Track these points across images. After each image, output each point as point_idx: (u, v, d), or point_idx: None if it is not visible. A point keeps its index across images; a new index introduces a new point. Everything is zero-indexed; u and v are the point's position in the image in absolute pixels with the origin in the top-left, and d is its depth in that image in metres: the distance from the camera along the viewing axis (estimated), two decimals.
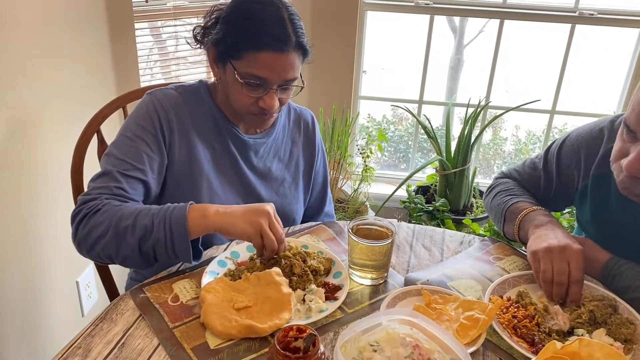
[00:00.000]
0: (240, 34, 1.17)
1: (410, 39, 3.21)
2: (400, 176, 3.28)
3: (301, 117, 1.49)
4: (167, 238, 1.08)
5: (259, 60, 1.16)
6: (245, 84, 1.19)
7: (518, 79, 4.01)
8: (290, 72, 1.20)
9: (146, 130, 1.24)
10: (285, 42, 1.16)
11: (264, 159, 1.39)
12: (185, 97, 1.30)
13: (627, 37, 2.93)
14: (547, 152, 1.40)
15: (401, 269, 1.23)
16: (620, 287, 1.13)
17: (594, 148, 1.27)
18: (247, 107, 1.24)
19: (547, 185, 1.40)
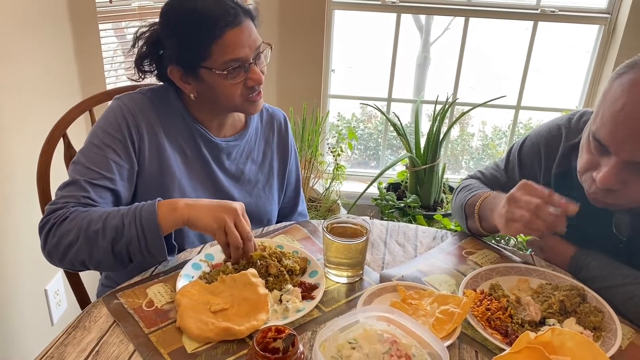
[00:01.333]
0: (197, 33, 1.16)
1: (378, 38, 3.23)
2: (371, 174, 3.30)
3: (274, 117, 1.48)
4: (140, 236, 1.07)
5: (225, 45, 1.17)
6: (229, 73, 1.19)
7: (484, 76, 4.08)
8: (255, 40, 1.21)
9: (114, 138, 1.21)
10: (236, 14, 1.17)
11: (237, 161, 1.38)
12: (153, 101, 1.29)
13: (588, 34, 3.02)
14: (509, 153, 1.42)
15: (376, 265, 1.24)
16: (588, 277, 1.17)
17: (554, 147, 1.30)
18: (239, 95, 1.24)
19: (508, 185, 1.39)
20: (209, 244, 1.28)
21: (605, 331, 1.03)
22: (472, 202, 1.32)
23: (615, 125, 1.00)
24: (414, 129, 2.93)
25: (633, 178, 1.02)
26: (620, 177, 1.02)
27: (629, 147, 0.99)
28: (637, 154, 0.99)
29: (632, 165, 1.00)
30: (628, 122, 0.98)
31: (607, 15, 2.85)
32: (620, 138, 0.99)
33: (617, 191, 1.04)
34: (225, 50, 1.17)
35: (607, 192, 1.05)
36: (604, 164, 1.04)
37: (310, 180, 2.90)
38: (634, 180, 1.02)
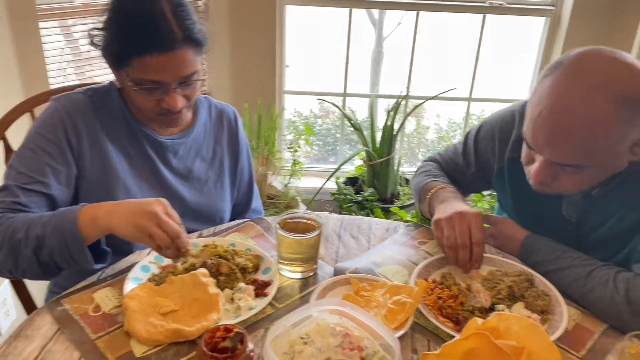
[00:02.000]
0: (121, 40, 1.11)
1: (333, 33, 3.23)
2: (330, 169, 3.30)
3: (223, 113, 1.45)
4: (62, 246, 1.03)
5: (146, 65, 1.10)
6: (140, 88, 1.14)
7: (438, 70, 4.15)
8: (185, 69, 1.14)
9: (49, 141, 1.17)
10: (170, 41, 1.10)
11: (184, 159, 1.35)
12: (94, 101, 1.24)
13: (535, 26, 3.10)
14: (466, 138, 1.45)
15: (330, 259, 1.24)
16: (537, 261, 1.20)
17: (507, 132, 1.33)
18: (152, 110, 1.19)
19: (465, 169, 1.45)
20: None
21: (552, 314, 1.05)
22: (426, 188, 1.37)
23: (535, 130, 1.05)
24: (370, 123, 2.95)
25: (561, 173, 1.07)
26: (550, 173, 1.07)
27: (547, 150, 1.04)
28: (555, 156, 1.04)
29: (556, 163, 1.05)
30: (544, 128, 1.02)
31: (552, 8, 2.93)
32: (540, 142, 1.04)
33: (550, 184, 1.09)
34: (143, 69, 1.11)
35: (542, 185, 1.11)
36: (536, 160, 1.09)
37: (268, 177, 2.88)
38: (562, 175, 1.07)
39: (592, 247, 1.19)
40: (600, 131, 0.98)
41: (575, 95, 0.98)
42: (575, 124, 0.98)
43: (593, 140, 0.99)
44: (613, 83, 0.97)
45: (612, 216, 1.15)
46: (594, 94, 0.97)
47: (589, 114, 0.97)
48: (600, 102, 0.96)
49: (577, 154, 1.01)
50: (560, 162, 1.04)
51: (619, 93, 0.96)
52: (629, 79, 0.98)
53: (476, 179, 1.45)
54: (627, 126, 0.98)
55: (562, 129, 1.00)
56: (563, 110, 0.99)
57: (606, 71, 0.98)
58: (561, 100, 1.00)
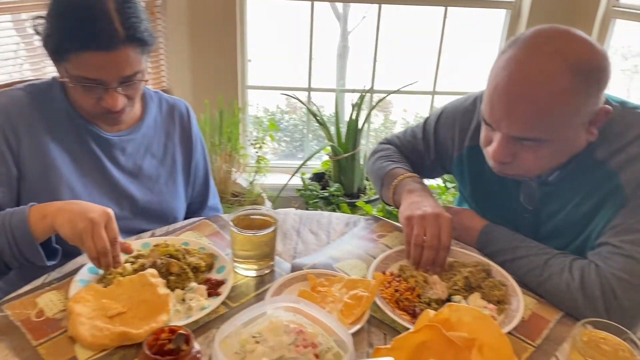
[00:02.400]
0: (61, 34, 1.06)
1: (297, 27, 3.21)
2: (298, 165, 3.27)
3: (175, 108, 1.41)
4: (12, 245, 1.00)
5: (85, 62, 1.06)
6: (79, 86, 1.09)
7: (402, 63, 4.16)
8: (126, 68, 1.09)
9: None
10: (110, 39, 1.05)
11: (133, 156, 1.31)
12: (35, 97, 1.19)
13: (496, 18, 3.12)
14: (425, 122, 1.45)
15: (288, 256, 1.22)
16: (494, 251, 1.20)
17: (467, 120, 1.33)
18: (92, 107, 1.14)
19: (424, 154, 1.45)
20: None
21: (509, 304, 1.05)
22: (391, 175, 1.36)
23: (492, 104, 1.04)
24: (335, 118, 2.93)
25: (520, 150, 1.06)
26: (509, 151, 1.06)
27: (505, 124, 1.03)
28: (513, 129, 1.03)
29: (515, 139, 1.04)
30: (501, 100, 1.02)
31: (512, 0, 2.96)
32: (498, 116, 1.04)
33: (510, 163, 1.08)
34: (81, 66, 1.07)
35: (502, 165, 1.10)
36: (494, 139, 1.08)
37: (233, 174, 2.84)
38: (522, 153, 1.06)
39: (549, 235, 1.20)
40: (558, 98, 0.98)
41: (532, 65, 0.99)
42: (532, 93, 0.98)
43: (551, 108, 0.99)
44: (568, 53, 0.98)
45: (569, 203, 1.16)
46: (550, 63, 0.97)
47: (547, 81, 0.98)
48: (557, 70, 0.97)
49: (535, 125, 1.01)
50: (519, 135, 1.03)
51: (574, 63, 0.97)
52: (584, 50, 0.99)
53: (434, 165, 1.45)
54: (583, 97, 0.99)
55: (519, 99, 1.00)
56: (520, 80, 0.99)
57: (561, 43, 0.99)
58: (518, 71, 1.00)
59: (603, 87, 1.02)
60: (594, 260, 1.06)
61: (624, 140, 1.07)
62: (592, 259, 1.07)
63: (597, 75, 0.99)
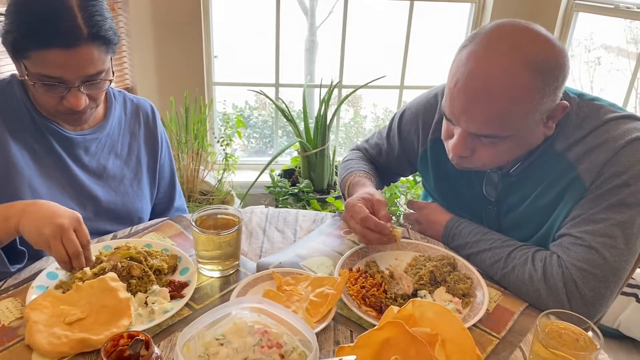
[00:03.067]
0: (21, 30, 1.03)
1: (264, 22, 3.17)
2: (266, 162, 3.25)
3: (139, 108, 1.38)
4: None
5: (45, 60, 1.03)
6: (39, 84, 1.06)
7: (369, 58, 4.16)
8: (90, 67, 1.06)
9: None
10: (73, 36, 1.02)
11: (97, 156, 1.28)
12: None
13: (461, 12, 3.15)
14: (391, 121, 1.46)
15: (254, 255, 1.20)
16: (459, 244, 1.21)
17: (430, 114, 1.33)
18: (53, 107, 1.11)
19: (390, 153, 1.46)
20: None
21: (474, 297, 1.06)
22: (343, 184, 1.39)
23: (452, 100, 1.05)
24: (303, 113, 2.92)
25: (479, 145, 1.07)
26: (468, 146, 1.07)
27: (464, 120, 1.04)
28: (471, 126, 1.04)
29: (474, 135, 1.05)
30: (460, 96, 1.03)
31: None
32: (457, 111, 1.04)
33: (469, 157, 1.10)
34: (43, 63, 1.03)
35: (461, 159, 1.11)
36: (455, 134, 1.09)
37: (200, 173, 2.80)
38: (480, 148, 1.08)
39: (512, 227, 1.22)
40: (515, 96, 0.98)
41: (491, 62, 0.99)
42: (491, 90, 0.99)
43: (508, 106, 0.99)
44: (527, 50, 0.98)
45: (530, 195, 1.17)
46: (508, 61, 0.98)
47: (504, 79, 0.98)
48: (514, 69, 0.98)
49: (494, 122, 1.02)
50: (478, 132, 1.04)
51: (533, 60, 0.98)
52: (543, 48, 1.00)
53: (401, 162, 1.46)
54: (541, 94, 1.00)
55: (478, 95, 1.00)
56: (479, 77, 1.00)
57: (521, 39, 1.00)
58: (477, 67, 1.00)
59: (561, 84, 1.03)
60: (556, 251, 1.08)
61: (581, 133, 1.09)
62: (554, 250, 1.09)
63: (555, 73, 1.00)
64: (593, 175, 1.06)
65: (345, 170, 1.44)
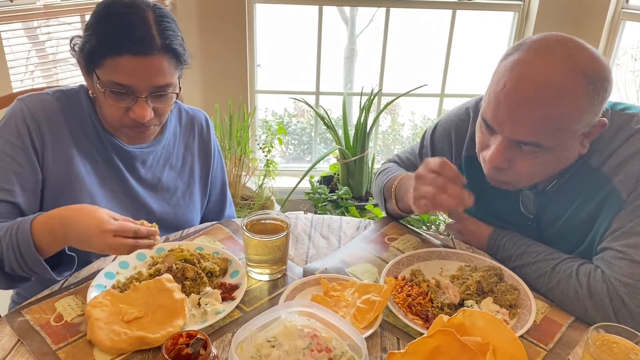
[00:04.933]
0: (98, 39, 1.08)
1: (306, 31, 3.22)
2: (306, 168, 3.29)
3: (194, 119, 1.40)
4: (20, 261, 1.02)
5: (118, 66, 1.07)
6: (109, 92, 1.10)
7: (410, 66, 4.16)
8: (159, 77, 1.10)
9: (14, 145, 1.13)
10: (146, 44, 1.07)
11: (153, 168, 1.31)
12: (62, 103, 1.20)
13: (504, 21, 3.12)
14: (423, 138, 1.44)
15: (300, 260, 1.23)
16: (504, 257, 1.20)
17: (462, 130, 1.32)
18: (118, 119, 1.15)
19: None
20: None
21: (521, 308, 1.06)
22: (389, 185, 1.34)
23: (497, 105, 1.03)
24: (343, 121, 2.94)
25: (518, 156, 1.06)
26: (506, 156, 1.05)
27: (509, 126, 1.02)
28: (516, 131, 1.02)
29: (515, 143, 1.04)
30: (508, 100, 1.01)
31: (520, 2, 2.96)
32: (502, 117, 1.02)
33: (506, 170, 1.08)
34: (115, 70, 1.07)
35: (498, 171, 1.09)
36: (492, 144, 1.07)
37: (242, 178, 2.85)
38: (518, 159, 1.06)
39: (553, 241, 1.20)
40: (566, 102, 0.98)
41: (543, 67, 0.98)
42: (542, 95, 0.98)
43: (558, 111, 0.98)
44: (577, 59, 0.98)
45: (567, 210, 1.16)
46: (560, 65, 0.97)
47: (558, 84, 0.97)
48: (568, 74, 0.97)
49: (541, 128, 1.00)
50: (522, 139, 1.02)
51: (585, 69, 0.97)
52: (592, 59, 0.99)
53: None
54: (589, 104, 0.99)
55: (528, 99, 0.99)
56: (530, 81, 0.99)
57: (570, 49, 0.99)
58: (528, 71, 0.99)
59: (606, 98, 1.02)
60: (599, 265, 1.07)
61: (615, 144, 1.08)
62: (598, 264, 1.07)
63: (603, 85, 1.00)
64: (629, 187, 1.04)
65: (386, 176, 1.40)
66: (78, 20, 2.44)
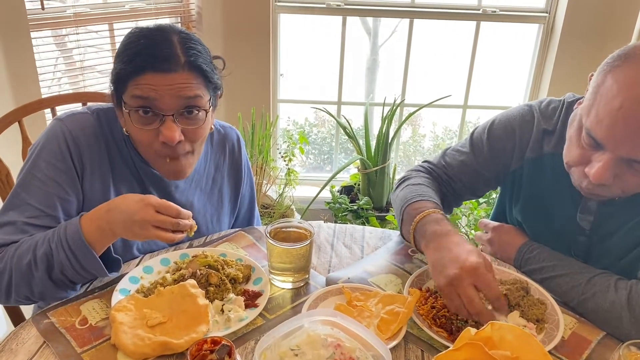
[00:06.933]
0: (122, 63, 1.06)
1: (328, 41, 3.23)
2: (326, 177, 3.29)
3: (226, 138, 1.37)
4: (71, 259, 1.02)
5: (142, 84, 1.05)
6: (134, 113, 1.07)
7: (433, 77, 4.15)
8: (182, 91, 1.06)
9: (57, 169, 1.11)
10: (169, 61, 1.04)
11: (186, 192, 1.29)
12: (102, 123, 1.18)
13: (529, 32, 3.10)
14: (472, 136, 1.35)
15: (323, 269, 1.22)
16: (533, 269, 1.18)
17: (528, 130, 1.27)
18: (150, 145, 1.10)
19: (471, 166, 1.33)
20: (148, 255, 1.23)
21: (548, 322, 1.04)
22: (411, 211, 1.22)
23: (614, 124, 0.97)
24: (364, 131, 2.94)
25: (625, 172, 1.01)
26: (613, 172, 1.01)
27: (628, 145, 0.97)
28: (636, 151, 0.97)
29: (625, 161, 0.99)
30: (628, 120, 0.95)
31: (545, 15, 2.94)
32: (620, 136, 0.97)
33: (610, 185, 1.03)
34: (137, 86, 1.05)
35: (599, 186, 1.04)
36: (595, 160, 1.01)
37: (263, 187, 2.86)
38: (625, 174, 1.01)
39: (602, 255, 1.18)
40: None
41: None
42: None
43: None
44: None
45: (624, 225, 1.14)
46: None
47: None
48: None
49: None
50: (637, 158, 0.97)
51: None
52: None
53: (483, 176, 1.33)
54: None
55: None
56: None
57: None
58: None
59: None
60: None
61: None
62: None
63: None
64: None
65: (411, 195, 1.27)
66: (106, 28, 2.48)
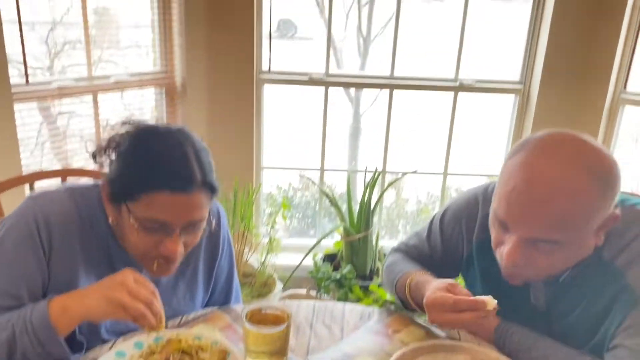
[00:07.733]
0: (136, 175, 1.03)
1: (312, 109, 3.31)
2: (310, 243, 3.27)
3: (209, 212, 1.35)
4: (35, 344, 0.99)
5: (157, 202, 1.02)
6: (141, 227, 1.05)
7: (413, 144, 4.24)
8: (196, 212, 1.06)
9: (24, 247, 1.08)
10: (188, 181, 1.03)
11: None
12: (78, 206, 1.13)
13: (505, 102, 3.20)
14: (431, 223, 1.43)
15: (301, 350, 1.20)
16: (511, 350, 1.17)
17: (472, 216, 1.32)
18: (145, 251, 1.09)
19: (431, 255, 1.41)
20: (122, 338, 1.19)
21: None
22: (401, 286, 1.30)
23: (509, 205, 1.03)
24: (347, 198, 2.96)
25: (535, 253, 1.05)
26: (524, 253, 1.05)
27: (523, 225, 1.02)
28: (532, 230, 1.02)
29: (531, 241, 1.03)
30: (518, 201, 1.01)
31: (520, 86, 3.05)
32: (517, 216, 1.03)
33: (524, 266, 1.07)
34: (152, 206, 1.03)
35: (514, 267, 1.08)
36: (507, 241, 1.07)
37: (245, 254, 2.83)
38: (537, 255, 1.05)
39: (564, 334, 1.17)
40: (581, 199, 0.98)
41: (551, 167, 0.99)
42: (554, 194, 0.98)
43: (572, 209, 0.98)
44: (584, 158, 0.99)
45: (579, 303, 1.14)
46: (569, 165, 0.98)
47: (568, 182, 0.97)
48: (577, 173, 0.98)
49: (556, 227, 1.00)
50: (537, 237, 1.02)
51: (592, 167, 0.98)
52: (599, 156, 1.00)
53: (442, 265, 1.40)
54: (601, 200, 1.00)
55: (539, 200, 0.99)
56: (539, 181, 0.99)
57: (576, 147, 1.01)
58: (536, 172, 1.00)
59: (617, 193, 1.02)
60: None
61: (626, 239, 1.07)
62: None
63: (613, 181, 1.00)
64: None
65: (396, 274, 1.36)
66: (90, 98, 2.51)
